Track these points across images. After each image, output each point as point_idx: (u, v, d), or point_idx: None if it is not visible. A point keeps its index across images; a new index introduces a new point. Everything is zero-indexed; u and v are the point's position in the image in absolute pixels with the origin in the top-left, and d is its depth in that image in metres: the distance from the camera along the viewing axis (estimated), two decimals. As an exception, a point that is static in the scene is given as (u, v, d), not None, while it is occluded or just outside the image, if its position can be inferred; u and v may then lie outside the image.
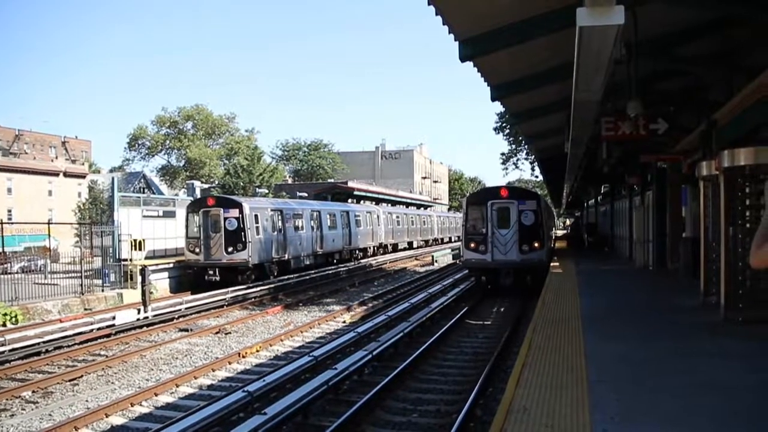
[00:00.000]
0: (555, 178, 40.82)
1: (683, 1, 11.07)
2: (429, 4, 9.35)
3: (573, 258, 34.09)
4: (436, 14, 9.82)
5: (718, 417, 6.74)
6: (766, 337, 10.84)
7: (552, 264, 28.43)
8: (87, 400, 12.37)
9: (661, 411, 6.96)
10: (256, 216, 30.18)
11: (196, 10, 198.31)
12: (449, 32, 10.66)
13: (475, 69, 12.69)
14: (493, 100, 14.90)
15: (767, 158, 11.29)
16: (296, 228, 35.10)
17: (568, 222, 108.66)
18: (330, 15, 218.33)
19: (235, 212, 29.43)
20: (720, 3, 10.89)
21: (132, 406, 11.74)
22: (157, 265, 28.29)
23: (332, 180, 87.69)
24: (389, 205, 64.22)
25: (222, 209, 29.56)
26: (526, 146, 48.84)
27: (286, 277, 31.46)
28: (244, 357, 15.57)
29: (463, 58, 11.25)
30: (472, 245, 26.33)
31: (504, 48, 11.59)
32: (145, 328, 19.95)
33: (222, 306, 24.37)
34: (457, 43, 11.05)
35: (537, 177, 68.88)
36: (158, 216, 33.30)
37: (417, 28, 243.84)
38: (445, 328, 17.55)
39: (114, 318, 20.03)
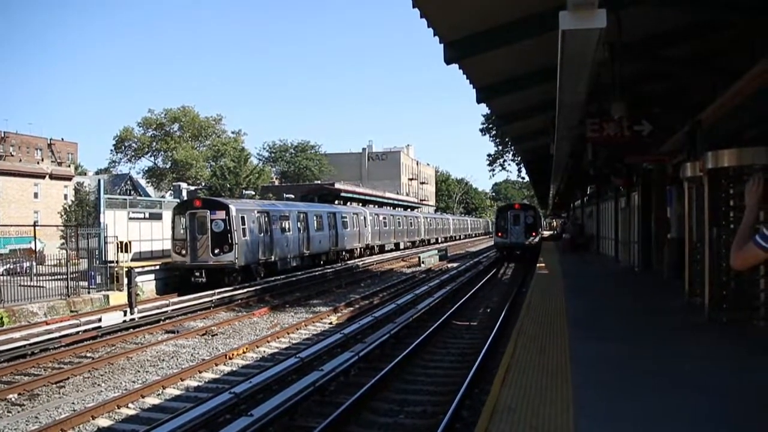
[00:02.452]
0: (541, 179, 41.00)
1: (666, 4, 11.14)
2: (414, 6, 9.38)
3: (559, 259, 34.22)
4: (421, 17, 9.85)
5: (703, 418, 6.80)
6: (750, 337, 10.93)
7: (538, 265, 29.03)
8: (73, 403, 12.34)
9: (645, 412, 7.00)
10: (242, 218, 30.12)
11: (183, 12, 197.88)
12: (434, 35, 10.69)
13: (461, 71, 12.73)
14: (478, 102, 14.94)
15: (750, 159, 11.36)
16: (283, 229, 35.07)
17: (555, 223, 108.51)
18: (317, 17, 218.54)
19: (221, 214, 29.38)
20: (702, 7, 10.97)
21: (118, 408, 11.72)
22: (143, 267, 28.22)
23: (319, 181, 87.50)
24: (376, 206, 64.28)
25: (208, 211, 29.50)
26: (512, 147, 48.96)
27: (272, 278, 31.43)
28: (230, 358, 15.57)
29: (448, 61, 11.27)
30: (499, 234, 47.25)
31: (489, 50, 11.62)
32: (131, 330, 19.89)
33: (208, 308, 24.31)
34: (442, 45, 11.09)
35: (524, 178, 69.33)
36: (145, 218, 33.24)
37: (404, 31, 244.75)
38: (431, 329, 17.58)
39: (100, 320, 19.95)
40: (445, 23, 10.58)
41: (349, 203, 57.79)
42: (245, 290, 27.53)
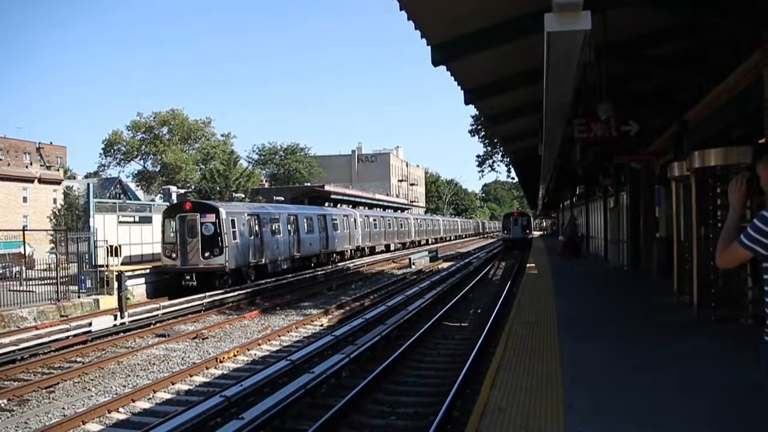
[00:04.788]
0: (530, 179, 41.06)
1: (651, 5, 11.21)
2: (401, 9, 9.41)
3: (548, 260, 34.30)
4: (409, 19, 9.88)
5: (692, 416, 6.85)
6: (739, 335, 10.98)
7: (528, 265, 29.20)
8: (63, 408, 12.30)
9: (635, 411, 7.05)
10: (232, 221, 30.09)
11: (173, 16, 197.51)
12: (421, 37, 10.73)
13: (449, 73, 12.78)
14: (466, 103, 14.99)
15: (737, 158, 11.45)
16: (273, 232, 35.04)
17: (545, 223, 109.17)
18: (306, 20, 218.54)
19: (211, 217, 29.34)
20: (687, 8, 11.04)
21: (109, 412, 11.68)
22: (133, 270, 28.15)
23: (309, 184, 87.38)
24: (366, 208, 64.31)
25: (198, 214, 29.45)
26: (501, 148, 49.08)
27: (263, 281, 31.35)
28: (221, 362, 15.55)
29: (435, 63, 11.31)
30: (505, 232, 67.36)
31: (476, 52, 11.68)
32: (121, 334, 19.81)
33: (199, 311, 24.26)
34: (429, 47, 11.13)
35: (513, 179, 69.99)
36: (134, 222, 33.16)
37: (393, 32, 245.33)
38: (422, 330, 17.59)
39: (90, 324, 19.88)
40: (432, 25, 10.63)
41: (339, 205, 57.76)
42: (236, 293, 27.49)
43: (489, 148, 59.03)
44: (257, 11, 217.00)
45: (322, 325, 20.70)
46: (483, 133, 53.25)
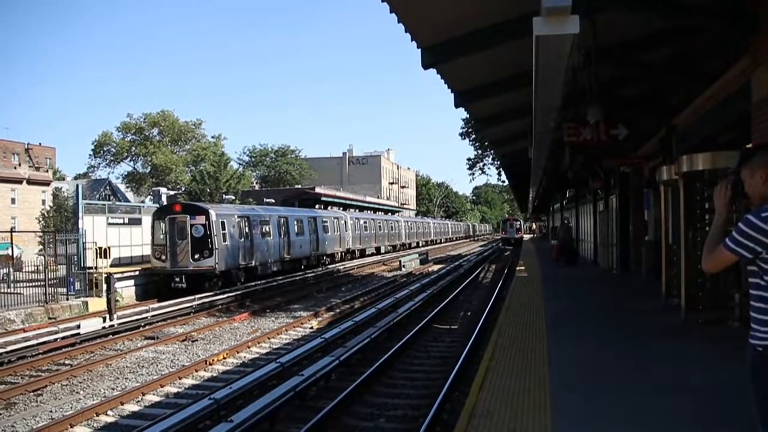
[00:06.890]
0: (521, 182, 41.13)
1: (640, 10, 11.26)
2: (391, 11, 9.43)
3: (538, 262, 34.35)
4: (399, 22, 9.90)
5: (680, 418, 6.88)
6: (726, 338, 11.04)
7: (518, 268, 29.30)
8: (51, 411, 12.24)
9: (622, 413, 7.08)
10: (222, 223, 30.04)
11: (163, 17, 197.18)
12: (412, 39, 10.75)
13: (439, 76, 12.80)
14: (456, 106, 15.02)
15: (724, 163, 11.51)
16: (263, 234, 35.00)
17: (534, 226, 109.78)
18: (296, 23, 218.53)
19: (201, 219, 29.28)
20: (677, 12, 11.10)
21: (97, 415, 11.63)
22: (122, 272, 28.05)
23: (299, 186, 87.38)
24: (357, 210, 64.33)
25: (188, 216, 29.38)
26: (491, 151, 49.13)
27: (253, 283, 31.31)
28: (210, 364, 15.51)
29: (425, 66, 11.34)
30: (503, 233, 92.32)
31: (466, 55, 11.71)
32: (110, 337, 19.74)
33: (189, 313, 24.20)
34: (419, 50, 11.16)
35: (504, 182, 69.89)
36: (124, 223, 33.01)
37: (384, 35, 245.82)
38: (412, 332, 17.59)
39: (79, 327, 19.80)
40: (422, 28, 10.66)
41: (329, 207, 57.74)
42: (225, 295, 27.44)
43: (480, 151, 59.06)
44: (251, 13, 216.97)
45: (311, 328, 20.67)
46: (473, 136, 53.30)
